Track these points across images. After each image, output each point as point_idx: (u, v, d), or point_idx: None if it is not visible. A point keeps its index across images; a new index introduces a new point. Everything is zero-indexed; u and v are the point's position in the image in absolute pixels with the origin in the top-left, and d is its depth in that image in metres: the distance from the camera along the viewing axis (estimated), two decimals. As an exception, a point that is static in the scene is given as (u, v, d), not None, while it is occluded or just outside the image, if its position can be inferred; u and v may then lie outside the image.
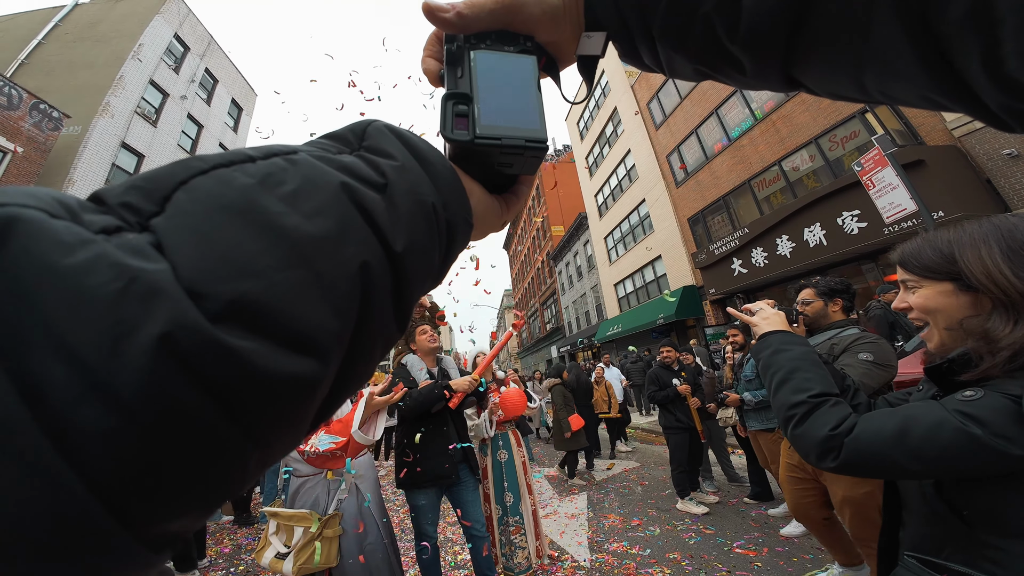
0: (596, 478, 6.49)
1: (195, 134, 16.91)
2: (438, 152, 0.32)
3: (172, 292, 0.17)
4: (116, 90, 13.58)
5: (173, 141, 15.63)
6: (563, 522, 4.67)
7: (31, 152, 11.13)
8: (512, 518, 3.27)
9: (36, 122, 11.31)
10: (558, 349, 28.75)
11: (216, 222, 0.20)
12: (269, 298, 0.19)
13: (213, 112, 18.03)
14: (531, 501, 3.41)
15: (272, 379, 0.19)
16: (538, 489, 5.87)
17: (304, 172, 0.24)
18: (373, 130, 0.30)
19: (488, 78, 0.35)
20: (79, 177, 12.13)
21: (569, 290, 26.64)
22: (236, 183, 0.22)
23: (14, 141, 10.72)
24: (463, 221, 0.33)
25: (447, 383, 2.76)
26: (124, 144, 13.63)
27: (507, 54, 0.36)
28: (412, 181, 0.28)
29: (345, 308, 0.23)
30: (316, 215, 0.23)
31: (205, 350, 0.17)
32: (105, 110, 13.16)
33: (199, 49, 17.45)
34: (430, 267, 0.30)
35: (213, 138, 17.70)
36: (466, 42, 0.36)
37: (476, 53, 0.35)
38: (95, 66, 13.93)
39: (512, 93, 0.35)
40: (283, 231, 0.21)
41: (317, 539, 2.15)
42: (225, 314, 0.18)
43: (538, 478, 6.74)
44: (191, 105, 16.73)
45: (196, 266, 0.18)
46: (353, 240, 0.24)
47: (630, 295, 18.68)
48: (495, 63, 0.36)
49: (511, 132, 0.34)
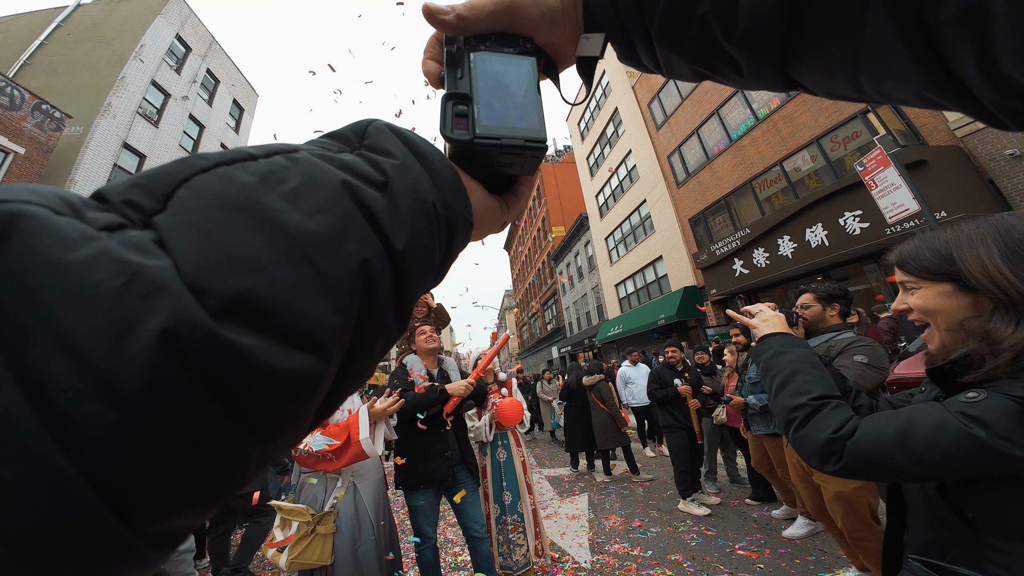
0: (597, 479, 6.49)
1: (196, 135, 16.94)
2: (438, 151, 0.32)
3: (174, 288, 0.17)
4: (118, 90, 13.61)
5: (175, 142, 15.67)
6: (564, 523, 4.66)
7: (33, 152, 11.15)
8: (510, 516, 3.28)
9: (38, 122, 11.33)
10: (559, 350, 28.73)
11: (218, 219, 0.20)
12: (271, 295, 0.19)
13: (215, 113, 18.06)
14: (531, 500, 3.42)
15: (273, 376, 0.19)
16: (539, 490, 5.87)
17: (305, 170, 0.24)
18: (374, 129, 0.30)
19: (488, 79, 0.35)
20: (81, 177, 12.16)
21: (570, 291, 26.64)
22: (238, 181, 0.22)
23: (16, 141, 10.75)
24: (463, 219, 0.33)
25: (443, 387, 2.76)
26: (126, 144, 13.66)
27: (507, 55, 0.37)
28: (412, 179, 0.28)
29: (346, 305, 0.23)
30: (317, 212, 0.23)
31: (207, 346, 0.17)
32: (107, 110, 13.20)
33: (201, 50, 17.49)
34: (431, 265, 0.30)
35: (215, 139, 17.73)
36: (466, 44, 0.36)
37: (476, 55, 0.36)
38: (97, 67, 13.98)
39: (512, 94, 0.36)
40: (284, 228, 0.21)
41: (311, 535, 2.18)
42: (227, 310, 0.18)
43: (538, 479, 6.74)
44: (192, 106, 16.76)
45: (198, 262, 0.18)
46: (354, 238, 0.24)
47: (631, 296, 18.68)
48: (495, 64, 0.36)
49: (511, 132, 0.34)
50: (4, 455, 0.14)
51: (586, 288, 23.75)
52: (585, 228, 23.19)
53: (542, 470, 7.49)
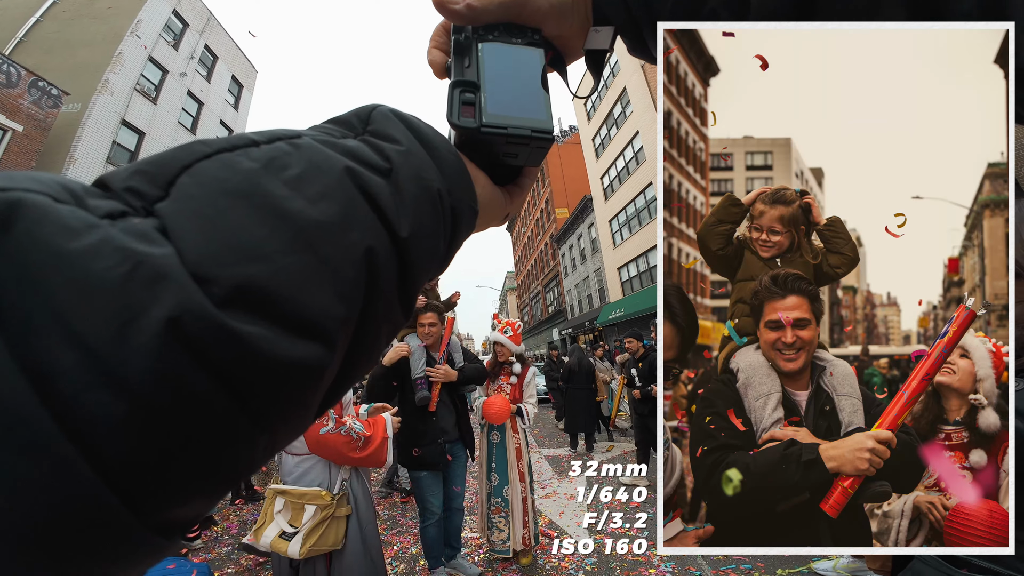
0: (595, 459, 6.59)
1: (196, 111, 16.76)
2: (443, 137, 0.32)
3: (178, 276, 0.17)
4: (115, 67, 13.42)
5: (173, 119, 15.51)
6: (563, 503, 4.76)
7: (31, 130, 11.06)
8: (495, 499, 3.34)
9: (35, 100, 11.20)
10: (559, 332, 28.86)
11: (221, 206, 0.20)
12: (275, 283, 0.19)
13: (213, 89, 17.81)
14: (521, 488, 3.40)
15: (279, 364, 0.19)
16: (538, 470, 5.96)
17: (308, 156, 0.24)
18: (378, 115, 0.30)
19: (495, 69, 0.35)
20: (80, 155, 12.08)
21: (572, 273, 26.62)
22: (240, 167, 0.21)
23: (14, 119, 10.64)
24: (468, 207, 0.32)
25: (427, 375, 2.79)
26: (124, 121, 13.53)
27: (514, 46, 0.37)
28: (417, 166, 0.28)
29: (350, 293, 0.23)
30: (321, 199, 0.22)
31: (212, 335, 0.17)
32: (104, 87, 13.03)
33: (198, 25, 17.16)
34: (435, 253, 0.30)
35: (214, 115, 17.55)
36: (474, 33, 0.36)
37: (484, 44, 0.36)
38: (93, 43, 13.74)
39: (519, 84, 0.35)
40: (288, 215, 0.21)
41: (329, 519, 2.10)
42: (231, 299, 0.18)
43: (537, 459, 6.85)
44: (191, 82, 16.51)
45: (201, 250, 0.18)
46: (358, 225, 0.23)
47: (633, 279, 18.66)
48: (502, 54, 0.36)
49: (517, 122, 0.34)
50: (12, 446, 0.14)
51: (588, 271, 23.72)
52: (589, 210, 23.04)
53: (541, 450, 7.60)
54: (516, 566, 3.35)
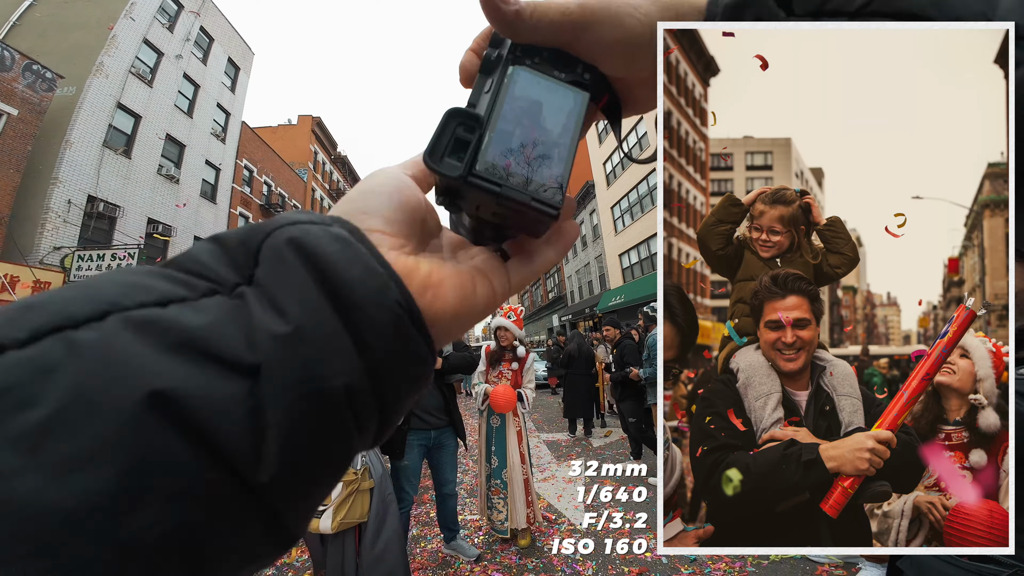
0: (594, 444, 6.66)
1: (192, 94, 16.52)
2: (381, 276, 0.22)
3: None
4: (109, 49, 13.19)
5: (170, 101, 15.32)
6: (561, 486, 4.82)
7: (26, 114, 10.94)
8: (494, 480, 3.43)
9: (30, 83, 11.06)
10: (559, 318, 28.93)
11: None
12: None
13: (209, 72, 17.53)
14: (523, 471, 3.50)
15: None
16: (537, 453, 6.04)
17: (77, 381, 0.15)
18: (268, 252, 0.21)
19: (518, 104, 0.28)
20: (76, 138, 11.98)
21: (572, 259, 26.58)
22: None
23: (8, 103, 10.53)
24: (410, 380, 0.23)
25: None
26: (120, 104, 13.36)
27: (554, 81, 0.29)
28: (307, 358, 0.19)
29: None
30: (80, 467, 0.15)
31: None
32: (99, 70, 12.83)
33: (193, 6, 16.83)
34: (329, 472, 0.22)
35: (211, 98, 17.33)
36: (510, 52, 0.29)
37: (517, 69, 0.28)
38: (88, 26, 13.49)
39: (541, 132, 0.28)
40: (10, 503, 0.14)
41: (355, 493, 2.23)
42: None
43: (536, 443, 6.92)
44: (187, 64, 16.25)
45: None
46: (154, 498, 0.16)
47: (634, 266, 18.64)
48: (535, 88, 0.28)
49: (518, 183, 0.26)
50: None
51: (589, 257, 23.68)
52: (591, 196, 22.90)
53: (540, 435, 7.68)
54: (515, 548, 3.43)
